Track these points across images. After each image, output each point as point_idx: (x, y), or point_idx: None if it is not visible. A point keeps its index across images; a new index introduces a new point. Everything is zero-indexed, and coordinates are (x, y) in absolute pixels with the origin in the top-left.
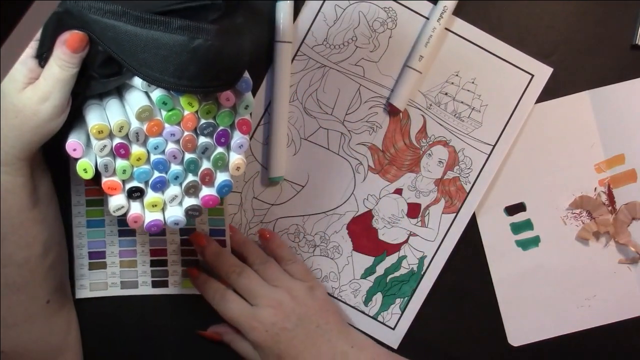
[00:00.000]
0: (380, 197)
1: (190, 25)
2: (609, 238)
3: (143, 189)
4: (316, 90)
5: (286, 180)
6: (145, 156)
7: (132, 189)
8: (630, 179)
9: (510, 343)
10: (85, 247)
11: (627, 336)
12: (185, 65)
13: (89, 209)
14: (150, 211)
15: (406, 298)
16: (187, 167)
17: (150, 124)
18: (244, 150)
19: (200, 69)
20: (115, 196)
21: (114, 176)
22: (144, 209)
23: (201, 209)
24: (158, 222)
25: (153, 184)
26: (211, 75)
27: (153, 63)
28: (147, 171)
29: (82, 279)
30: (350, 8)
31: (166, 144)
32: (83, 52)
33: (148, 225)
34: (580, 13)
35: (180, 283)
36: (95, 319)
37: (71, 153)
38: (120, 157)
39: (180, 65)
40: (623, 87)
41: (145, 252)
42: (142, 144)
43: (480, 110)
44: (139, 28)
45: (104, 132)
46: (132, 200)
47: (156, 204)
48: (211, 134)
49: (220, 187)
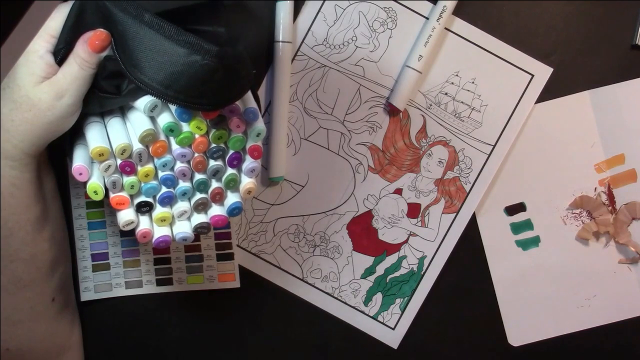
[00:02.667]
0: (380, 197)
1: (195, 41)
2: (609, 238)
3: (152, 203)
4: (316, 90)
5: (286, 180)
6: (154, 172)
7: (140, 204)
8: (630, 179)
9: (510, 343)
10: (87, 250)
11: (627, 336)
12: (176, 76)
13: (90, 211)
14: (159, 226)
15: (406, 298)
16: (197, 187)
17: (156, 146)
18: (255, 175)
19: (189, 83)
20: (124, 211)
21: (122, 192)
22: (152, 223)
23: (210, 226)
24: (167, 237)
25: (161, 199)
26: (198, 92)
27: (147, 67)
28: (155, 187)
29: (86, 281)
30: (350, 8)
31: (174, 162)
32: (103, 53)
33: (157, 241)
34: (580, 13)
35: (185, 280)
36: (101, 320)
37: (78, 178)
38: (126, 175)
39: (171, 75)
40: (623, 87)
41: (148, 251)
42: (148, 162)
43: (480, 110)
44: (150, 30)
45: (104, 154)
46: (141, 214)
47: (165, 219)
48: (222, 157)
49: (231, 209)
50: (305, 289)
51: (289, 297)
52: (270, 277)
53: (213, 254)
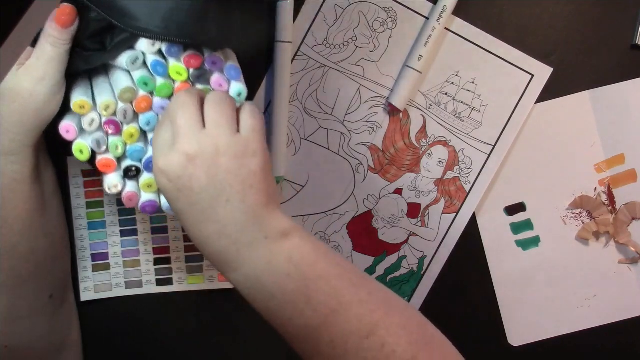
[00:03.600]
0: (380, 197)
1: None
2: (609, 238)
3: (140, 167)
4: (316, 90)
5: (286, 180)
6: (138, 133)
7: (128, 168)
8: (630, 179)
9: (510, 343)
10: (87, 249)
11: (627, 336)
12: (174, 10)
13: (90, 211)
14: (146, 192)
15: (406, 298)
16: None
17: (139, 100)
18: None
19: (189, 16)
20: (110, 174)
21: (108, 154)
22: (140, 190)
23: None
24: (153, 202)
25: (146, 163)
26: (200, 27)
27: (139, 13)
28: (140, 149)
29: (86, 281)
30: (350, 8)
31: (157, 119)
32: (73, 26)
33: (143, 205)
34: (580, 13)
35: (185, 280)
36: (101, 320)
37: (65, 135)
38: (111, 135)
39: (169, 11)
40: (623, 87)
41: (148, 251)
42: (134, 121)
43: (480, 110)
44: None
45: (85, 107)
46: (129, 179)
47: (151, 185)
48: (205, 79)
49: None
50: None
51: None
52: None
53: None
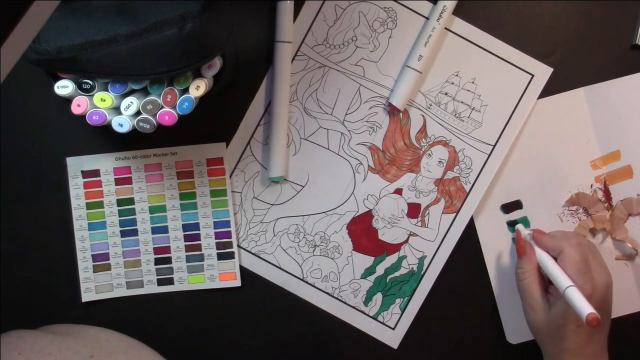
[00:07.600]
0: (380, 197)
1: (174, 17)
2: (606, 234)
3: (94, 85)
4: (316, 90)
5: (286, 180)
6: (112, 101)
7: (82, 81)
8: (626, 175)
9: (509, 341)
10: (88, 250)
11: (624, 332)
12: (173, 53)
13: (90, 212)
14: (98, 105)
15: (406, 298)
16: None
17: None
18: (212, 73)
19: (186, 49)
20: (64, 80)
21: None
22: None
23: (153, 123)
24: (101, 112)
25: (112, 85)
26: (194, 52)
27: (146, 65)
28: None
29: (87, 282)
30: (350, 8)
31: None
32: None
33: (90, 114)
34: (580, 13)
35: (186, 280)
36: (102, 320)
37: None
38: None
39: (168, 55)
40: (617, 83)
41: (149, 251)
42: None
43: (480, 110)
44: (132, 43)
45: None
46: (82, 91)
47: (105, 99)
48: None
49: (180, 104)
50: (305, 289)
51: (289, 297)
52: (270, 277)
53: (214, 253)
